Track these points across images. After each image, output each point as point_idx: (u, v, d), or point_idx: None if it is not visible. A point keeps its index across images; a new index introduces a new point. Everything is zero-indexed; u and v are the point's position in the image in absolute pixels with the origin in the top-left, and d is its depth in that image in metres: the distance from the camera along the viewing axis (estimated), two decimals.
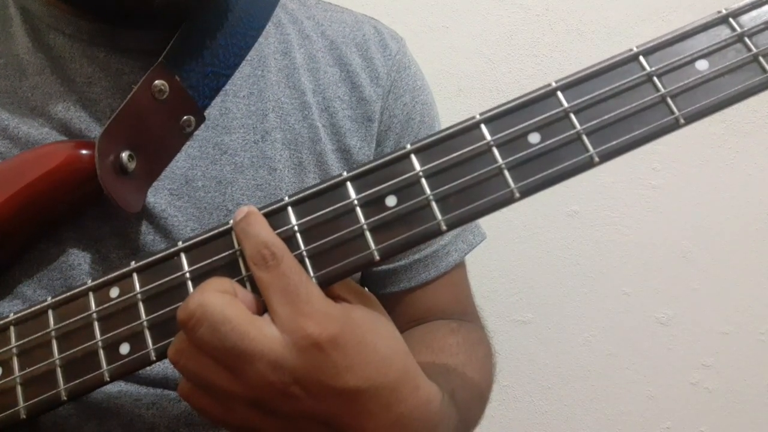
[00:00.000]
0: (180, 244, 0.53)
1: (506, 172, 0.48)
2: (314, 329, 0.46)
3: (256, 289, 0.50)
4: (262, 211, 0.52)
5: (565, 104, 0.48)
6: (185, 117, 0.69)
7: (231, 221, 0.52)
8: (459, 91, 1.15)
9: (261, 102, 0.74)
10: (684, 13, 1.12)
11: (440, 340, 0.77)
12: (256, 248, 0.48)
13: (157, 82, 0.67)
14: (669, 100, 0.47)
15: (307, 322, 0.46)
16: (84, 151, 0.64)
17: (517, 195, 0.48)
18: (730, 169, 1.14)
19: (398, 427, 0.51)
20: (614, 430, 1.16)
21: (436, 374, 0.58)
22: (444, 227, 0.48)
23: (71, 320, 0.54)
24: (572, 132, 0.48)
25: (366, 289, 0.88)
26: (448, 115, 0.87)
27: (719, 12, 0.48)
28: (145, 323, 0.52)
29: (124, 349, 0.52)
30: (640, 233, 1.15)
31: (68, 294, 0.55)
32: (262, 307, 0.49)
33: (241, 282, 0.51)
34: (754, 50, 0.47)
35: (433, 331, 0.80)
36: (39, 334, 0.55)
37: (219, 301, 0.46)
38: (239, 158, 0.71)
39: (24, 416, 0.54)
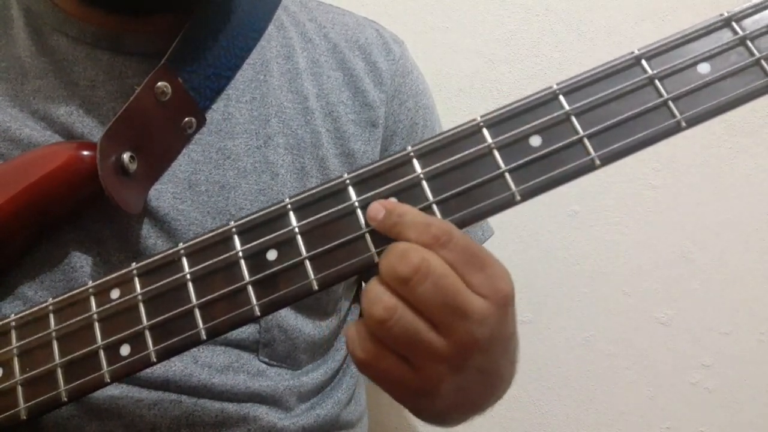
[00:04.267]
0: (181, 246, 0.53)
1: (507, 175, 0.48)
2: (506, 287, 0.48)
3: (261, 291, 0.51)
4: (263, 212, 0.52)
5: (567, 107, 0.48)
6: (187, 118, 0.69)
7: (231, 223, 0.52)
8: (459, 91, 1.15)
9: (264, 107, 0.74)
10: (684, 13, 1.12)
11: None
12: (426, 233, 0.47)
13: (159, 83, 0.67)
14: (671, 104, 0.47)
15: (500, 282, 0.48)
16: (85, 152, 0.64)
17: (518, 198, 0.48)
18: (730, 169, 1.14)
19: (514, 358, 0.57)
20: (614, 430, 1.16)
21: None
22: None
23: (72, 321, 0.54)
24: (574, 135, 0.48)
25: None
26: (449, 115, 0.87)
27: (721, 15, 0.48)
28: (145, 325, 0.52)
29: (125, 350, 0.52)
30: (640, 233, 1.15)
31: (69, 295, 0.55)
32: None
33: (243, 286, 0.51)
34: (757, 54, 0.47)
35: None
36: (40, 335, 0.55)
37: (438, 258, 0.46)
38: (242, 163, 0.71)
39: (24, 417, 0.54)
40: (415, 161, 0.50)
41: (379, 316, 0.46)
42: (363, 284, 0.91)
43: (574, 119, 0.48)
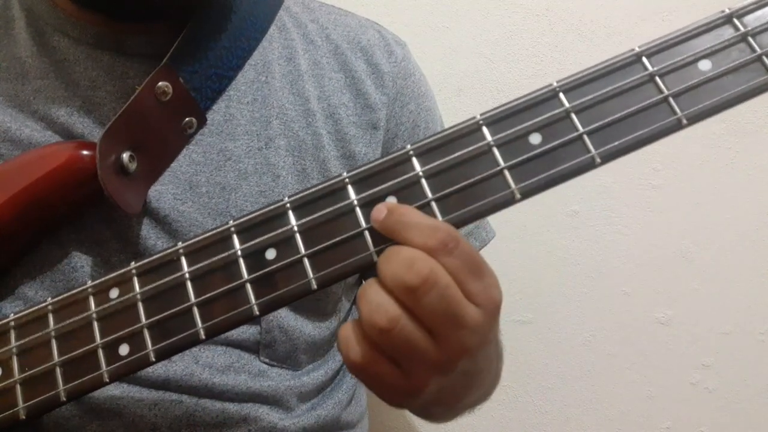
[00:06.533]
0: (180, 245, 0.53)
1: (507, 173, 0.48)
2: (499, 296, 0.49)
3: (260, 290, 0.50)
4: (262, 211, 0.52)
5: (567, 104, 0.48)
6: (187, 119, 0.69)
7: (230, 222, 0.52)
8: (459, 91, 1.15)
9: (265, 108, 0.74)
10: (684, 13, 1.12)
11: None
12: (432, 237, 0.47)
13: (161, 83, 0.67)
14: (671, 101, 0.47)
15: (494, 291, 0.48)
16: (85, 152, 0.64)
17: (518, 196, 0.48)
18: (730, 169, 1.14)
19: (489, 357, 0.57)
20: (614, 430, 1.16)
21: None
22: None
23: (71, 321, 0.54)
24: (574, 133, 0.48)
25: None
26: (448, 115, 0.87)
27: (723, 11, 0.48)
28: (144, 324, 0.52)
29: (124, 350, 0.52)
30: (640, 233, 1.15)
31: (68, 295, 0.55)
32: None
33: (242, 283, 0.50)
34: (758, 50, 0.46)
35: None
36: (39, 334, 0.55)
37: (441, 267, 0.46)
38: (243, 165, 0.71)
39: (24, 417, 0.54)
40: (414, 159, 0.50)
41: (383, 326, 0.46)
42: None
43: (574, 117, 0.48)
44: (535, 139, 0.48)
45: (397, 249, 0.47)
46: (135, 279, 0.53)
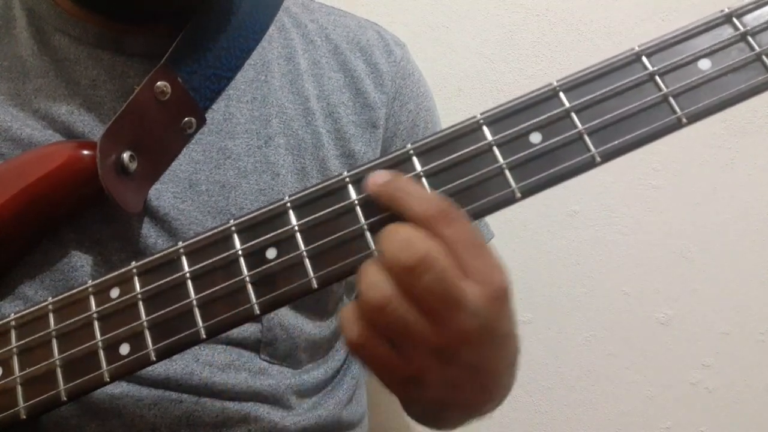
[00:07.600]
0: (180, 244, 0.53)
1: (507, 172, 0.48)
2: (503, 280, 0.47)
3: (260, 289, 0.50)
4: (262, 210, 0.52)
5: (567, 104, 0.48)
6: (186, 118, 0.69)
7: (231, 221, 0.52)
8: (459, 91, 1.15)
9: (264, 107, 0.74)
10: (684, 13, 1.12)
11: None
12: (433, 206, 0.46)
13: (159, 83, 0.67)
14: (671, 100, 0.47)
15: (496, 273, 0.47)
16: (85, 152, 0.64)
17: (519, 195, 0.48)
18: (730, 169, 1.14)
19: (513, 362, 0.56)
20: (614, 430, 1.16)
21: None
22: None
23: (71, 320, 0.54)
24: (574, 132, 0.48)
25: None
26: (448, 115, 0.87)
27: (722, 11, 0.48)
28: (145, 323, 0.52)
29: (124, 349, 0.52)
30: (640, 233, 1.15)
31: (68, 294, 0.55)
32: None
33: (242, 283, 0.51)
34: (758, 49, 0.47)
35: None
36: (39, 334, 0.55)
37: (439, 247, 0.45)
38: (243, 163, 0.71)
39: (24, 416, 0.54)
40: (414, 159, 0.50)
41: (376, 303, 0.45)
42: None
43: (574, 116, 0.48)
44: (536, 138, 0.48)
45: (396, 227, 0.46)
46: (136, 278, 0.54)
